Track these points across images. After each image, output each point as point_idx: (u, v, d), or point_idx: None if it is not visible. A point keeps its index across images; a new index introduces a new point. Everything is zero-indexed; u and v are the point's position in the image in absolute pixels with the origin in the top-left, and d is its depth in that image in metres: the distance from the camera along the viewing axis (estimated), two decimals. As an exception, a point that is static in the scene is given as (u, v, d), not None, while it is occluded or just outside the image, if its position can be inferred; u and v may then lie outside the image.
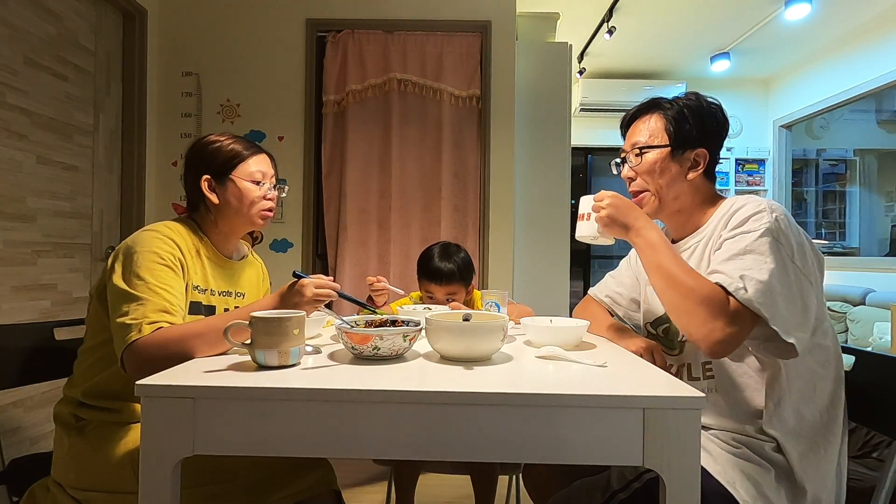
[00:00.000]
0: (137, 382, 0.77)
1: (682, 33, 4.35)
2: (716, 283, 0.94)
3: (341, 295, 1.14)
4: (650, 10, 3.94)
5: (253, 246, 1.43)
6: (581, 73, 5.01)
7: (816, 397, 0.98)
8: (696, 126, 1.13)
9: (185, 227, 1.22)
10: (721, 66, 4.74)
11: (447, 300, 1.66)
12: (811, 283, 0.95)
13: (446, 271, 1.65)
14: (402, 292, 1.62)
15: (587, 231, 1.13)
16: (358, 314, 1.23)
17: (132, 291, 1.03)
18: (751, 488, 0.94)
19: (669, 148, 1.13)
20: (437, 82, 2.89)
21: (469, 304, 1.79)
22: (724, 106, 1.17)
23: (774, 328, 0.90)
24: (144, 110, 2.75)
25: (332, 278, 1.12)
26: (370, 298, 1.64)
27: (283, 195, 1.33)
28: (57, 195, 2.26)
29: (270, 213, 1.28)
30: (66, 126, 2.30)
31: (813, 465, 0.95)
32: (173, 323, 1.03)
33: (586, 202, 1.13)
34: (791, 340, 0.91)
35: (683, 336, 1.13)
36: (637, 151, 1.15)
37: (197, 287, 1.18)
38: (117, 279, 1.06)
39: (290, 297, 1.08)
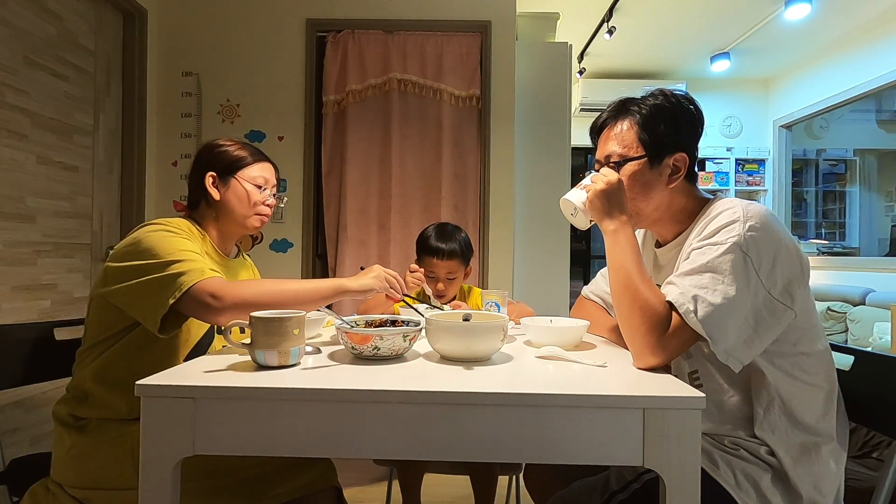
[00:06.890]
0: (137, 382, 0.77)
1: (682, 33, 4.35)
2: (666, 301, 0.94)
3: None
4: (650, 10, 3.94)
5: (252, 246, 1.44)
6: (581, 73, 5.01)
7: (807, 403, 0.97)
8: (671, 128, 1.06)
9: (188, 222, 1.23)
10: (721, 66, 4.74)
11: (447, 278, 1.70)
12: (778, 298, 0.93)
13: (448, 249, 1.70)
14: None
15: (574, 198, 1.10)
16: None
17: (164, 257, 1.05)
18: (750, 489, 0.93)
19: (646, 158, 1.06)
20: (437, 82, 2.89)
21: (466, 294, 1.82)
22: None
23: (714, 350, 0.90)
24: (144, 110, 2.75)
25: None
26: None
27: (282, 205, 1.39)
28: (57, 195, 2.26)
29: (265, 219, 1.33)
30: (66, 126, 2.30)
31: (807, 469, 0.94)
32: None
33: (593, 176, 1.09)
34: (727, 363, 0.91)
35: None
36: (613, 165, 1.09)
37: None
38: (130, 261, 1.06)
39: None
